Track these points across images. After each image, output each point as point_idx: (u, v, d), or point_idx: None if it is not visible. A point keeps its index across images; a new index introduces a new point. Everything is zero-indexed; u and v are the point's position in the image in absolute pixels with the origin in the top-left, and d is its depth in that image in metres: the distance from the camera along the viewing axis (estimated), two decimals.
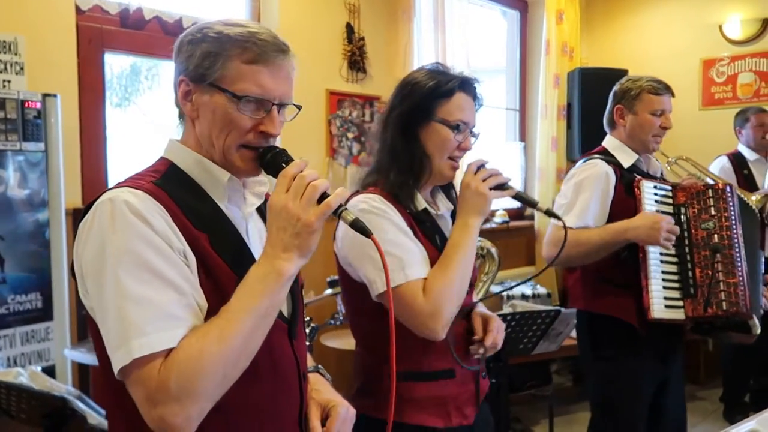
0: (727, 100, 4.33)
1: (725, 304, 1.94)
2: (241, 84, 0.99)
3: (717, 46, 4.37)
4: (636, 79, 2.15)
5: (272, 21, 3.18)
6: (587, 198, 2.02)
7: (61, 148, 2.25)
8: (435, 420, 1.42)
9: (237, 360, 0.92)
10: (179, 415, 0.87)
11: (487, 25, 4.58)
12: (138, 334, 0.88)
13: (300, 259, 0.95)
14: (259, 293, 0.93)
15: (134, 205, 0.93)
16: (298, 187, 0.94)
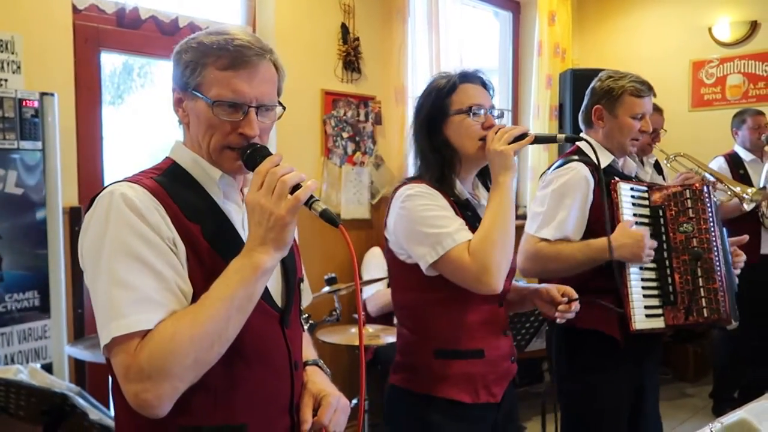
0: (716, 102, 4.40)
1: (706, 311, 1.88)
2: (216, 89, 1.06)
3: (706, 48, 4.43)
4: (618, 77, 2.02)
5: (268, 21, 3.20)
6: (567, 207, 1.92)
7: (58, 147, 2.26)
8: (463, 395, 1.55)
9: (210, 345, 0.97)
10: (150, 392, 0.94)
11: (480, 26, 4.62)
12: (118, 315, 0.96)
13: (276, 252, 1.01)
14: (234, 283, 0.99)
15: (130, 197, 1.01)
16: (269, 183, 1.00)
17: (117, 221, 0.99)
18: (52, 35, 2.45)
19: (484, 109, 1.57)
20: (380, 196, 3.58)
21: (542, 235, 1.92)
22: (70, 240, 2.43)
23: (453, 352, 1.56)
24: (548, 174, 2.03)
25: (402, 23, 3.58)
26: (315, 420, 1.14)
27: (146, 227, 1.00)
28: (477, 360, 1.56)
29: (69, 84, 2.50)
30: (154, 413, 0.96)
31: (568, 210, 1.91)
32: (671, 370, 4.42)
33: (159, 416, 0.97)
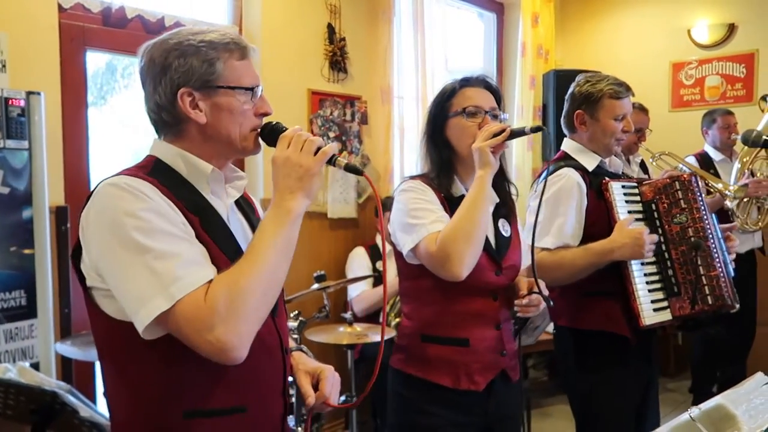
0: (696, 102, 4.49)
1: (710, 298, 1.91)
2: (244, 79, 1.14)
3: (686, 50, 4.52)
4: (595, 81, 2.04)
5: (254, 21, 3.21)
6: (564, 214, 1.93)
7: (45, 146, 2.25)
8: (445, 379, 1.64)
9: (268, 287, 1.05)
10: (231, 333, 0.99)
11: (464, 27, 4.66)
12: (173, 281, 0.99)
13: (305, 199, 1.10)
14: (275, 230, 1.07)
15: (135, 185, 1.04)
16: (297, 142, 1.11)
17: (132, 203, 1.02)
18: (37, 34, 2.44)
19: (481, 111, 1.65)
20: (366, 195, 3.60)
21: (542, 245, 1.93)
22: (57, 239, 2.43)
23: (437, 337, 1.65)
24: (539, 183, 2.04)
25: (388, 24, 3.61)
26: (318, 394, 1.22)
27: (162, 207, 1.04)
28: (461, 348, 1.63)
29: (55, 83, 2.49)
30: (237, 356, 1.01)
31: (564, 216, 1.94)
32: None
33: (240, 359, 1.02)
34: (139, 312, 1.00)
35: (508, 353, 1.69)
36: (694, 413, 0.87)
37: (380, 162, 3.67)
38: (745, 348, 3.81)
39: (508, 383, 1.71)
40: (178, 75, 1.11)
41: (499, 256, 1.67)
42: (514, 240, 1.75)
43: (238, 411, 1.12)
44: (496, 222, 1.71)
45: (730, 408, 0.86)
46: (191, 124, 1.14)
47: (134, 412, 1.10)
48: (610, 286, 1.94)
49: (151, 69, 1.13)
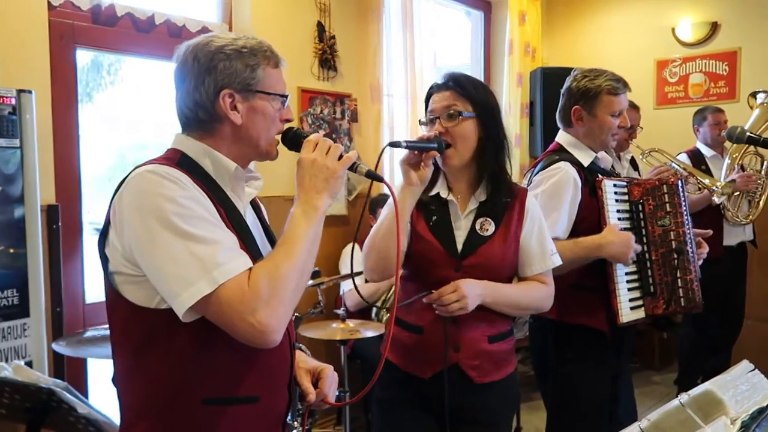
0: (680, 100, 4.56)
1: (683, 300, 1.99)
2: (277, 86, 1.22)
3: (670, 48, 4.59)
4: (593, 77, 2.04)
5: (244, 19, 3.21)
6: (558, 208, 1.94)
7: (36, 145, 2.25)
8: (396, 359, 1.71)
9: (301, 275, 1.11)
10: (272, 316, 1.05)
11: (452, 25, 4.69)
12: (215, 265, 1.04)
13: (329, 199, 1.18)
14: (305, 223, 1.14)
15: (173, 174, 1.09)
16: (323, 147, 1.19)
17: (172, 191, 1.06)
18: (27, 32, 2.43)
19: (435, 116, 1.67)
20: (356, 192, 3.62)
21: None
22: (48, 238, 2.42)
23: (400, 321, 1.72)
24: (534, 175, 2.05)
25: (377, 22, 3.63)
26: (318, 391, 1.28)
27: (198, 196, 1.09)
28: (415, 335, 1.69)
29: (45, 81, 2.48)
30: (273, 339, 1.06)
31: (559, 211, 1.95)
32: (639, 359, 4.58)
33: (275, 342, 1.07)
34: (181, 295, 1.03)
35: (466, 352, 1.65)
36: (683, 399, 0.91)
37: (370, 159, 3.69)
38: (731, 340, 3.88)
39: (469, 383, 1.66)
40: (223, 76, 1.16)
41: (462, 254, 1.65)
42: (496, 240, 1.67)
43: (252, 400, 1.17)
44: (475, 221, 1.68)
45: (717, 393, 0.89)
46: (226, 123, 1.18)
47: (150, 399, 1.13)
48: (595, 282, 1.98)
49: (195, 68, 1.17)
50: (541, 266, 1.71)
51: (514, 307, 1.69)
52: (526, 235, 1.71)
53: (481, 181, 1.70)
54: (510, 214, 1.70)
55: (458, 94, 1.66)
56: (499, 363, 1.70)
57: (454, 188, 1.73)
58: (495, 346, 1.69)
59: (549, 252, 1.72)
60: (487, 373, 1.68)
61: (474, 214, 1.69)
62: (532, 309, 1.77)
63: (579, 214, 1.99)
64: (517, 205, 1.71)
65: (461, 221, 1.69)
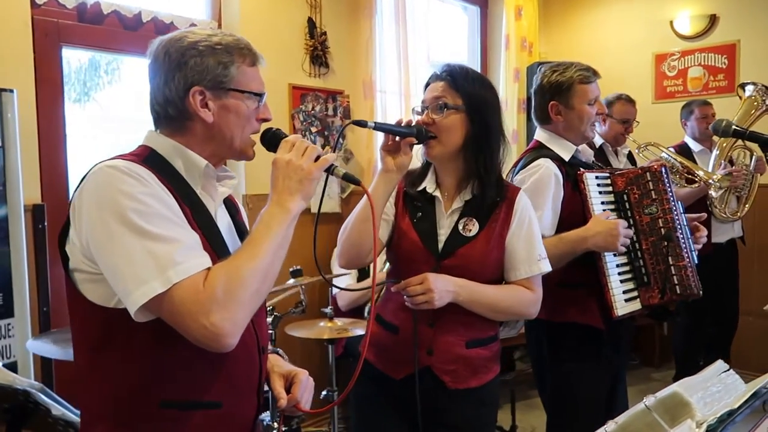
0: (678, 94, 4.50)
1: (679, 288, 1.96)
2: (252, 84, 1.19)
3: (668, 41, 4.53)
4: (563, 70, 2.05)
5: (233, 15, 3.19)
6: (541, 207, 1.91)
7: (18, 144, 2.23)
8: (372, 356, 1.68)
9: (264, 277, 1.07)
10: (227, 319, 1.01)
11: (448, 21, 4.66)
12: (171, 264, 1.01)
13: (302, 201, 1.14)
14: (274, 226, 1.11)
15: (134, 169, 1.05)
16: (299, 148, 1.16)
17: (131, 186, 1.03)
18: (10, 30, 2.41)
19: (425, 107, 1.64)
20: (350, 190, 3.60)
21: None
22: (33, 238, 2.41)
23: (380, 318, 1.71)
24: (516, 174, 2.03)
25: (369, 17, 3.60)
26: (290, 397, 1.24)
27: (160, 193, 1.06)
28: (391, 334, 1.66)
29: (29, 80, 2.47)
30: (229, 342, 1.02)
31: (542, 210, 1.92)
32: (638, 356, 4.53)
33: (230, 347, 1.03)
34: (133, 293, 1.00)
35: (440, 355, 1.60)
36: (649, 401, 0.87)
37: (363, 156, 3.66)
38: (728, 336, 3.84)
39: (443, 388, 1.61)
40: (193, 73, 1.14)
41: (442, 253, 1.61)
42: (479, 242, 1.61)
43: (213, 406, 1.14)
44: (459, 220, 1.63)
45: (684, 395, 0.86)
46: (197, 121, 1.16)
47: (108, 401, 1.10)
48: (586, 278, 1.95)
49: (165, 63, 1.15)
50: (526, 271, 1.63)
51: (492, 309, 1.61)
52: (512, 237, 1.63)
53: (470, 179, 1.65)
54: (497, 214, 1.63)
55: (450, 86, 1.62)
56: (477, 369, 1.63)
57: (443, 184, 1.68)
58: (473, 351, 1.62)
59: (536, 257, 1.64)
60: (463, 379, 1.61)
61: (458, 213, 1.64)
62: (512, 314, 1.68)
63: (564, 210, 1.96)
64: (504, 206, 1.64)
65: (445, 219, 1.65)
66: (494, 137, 1.63)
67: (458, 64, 1.67)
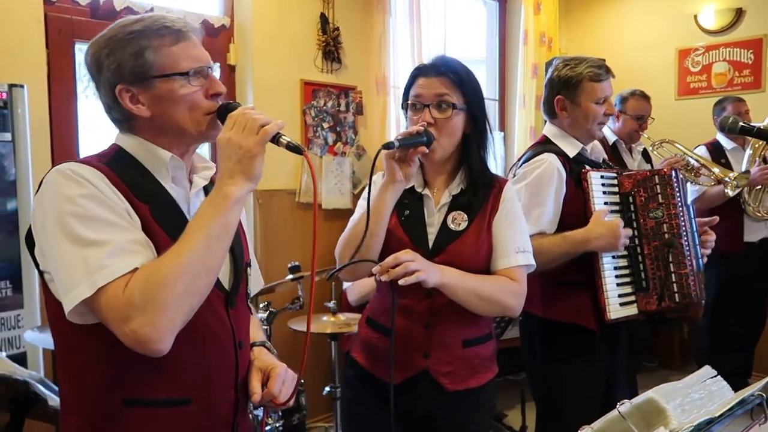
0: (702, 90, 4.38)
1: (678, 296, 1.91)
2: (180, 64, 1.10)
3: (692, 36, 4.41)
4: (574, 65, 1.99)
5: (245, 11, 3.20)
6: (543, 202, 1.89)
7: (29, 138, 2.27)
8: (364, 360, 1.66)
9: (196, 274, 1.01)
10: (147, 325, 0.96)
11: (466, 16, 4.61)
12: (99, 267, 0.98)
13: (246, 183, 1.06)
14: (208, 215, 1.04)
15: (79, 171, 1.04)
16: (240, 122, 1.07)
17: (72, 189, 1.01)
18: (22, 27, 2.46)
19: (422, 104, 1.55)
20: (362, 185, 3.58)
21: None
22: None
23: (371, 321, 1.67)
24: (519, 168, 2.00)
25: (383, 12, 3.57)
26: (265, 392, 1.18)
27: (101, 194, 1.03)
28: (386, 337, 1.57)
29: (41, 76, 2.51)
30: (157, 348, 0.98)
31: (543, 206, 1.89)
32: (657, 358, 4.44)
33: (162, 351, 0.99)
34: (65, 297, 1.00)
35: (437, 356, 1.56)
36: (623, 408, 0.84)
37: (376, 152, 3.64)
38: (753, 338, 3.73)
39: (441, 391, 1.56)
40: (110, 73, 1.09)
41: (432, 251, 1.55)
42: (469, 236, 1.56)
43: (182, 403, 1.11)
44: (447, 215, 1.59)
45: (660, 402, 0.83)
46: (139, 119, 1.12)
47: (74, 396, 1.10)
48: (583, 278, 1.91)
49: (90, 71, 1.12)
50: (507, 261, 1.57)
51: (476, 294, 1.51)
52: (496, 226, 1.58)
53: (458, 173, 1.61)
54: (486, 206, 1.60)
55: (452, 82, 1.53)
56: (475, 369, 1.59)
57: (431, 182, 1.64)
58: (470, 351, 1.59)
59: (516, 248, 1.58)
60: (462, 379, 1.57)
61: (447, 207, 1.60)
62: (495, 302, 1.54)
63: (565, 207, 1.92)
64: (492, 197, 1.60)
65: (434, 216, 1.60)
66: (487, 134, 1.61)
67: (453, 58, 1.61)
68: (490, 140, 1.62)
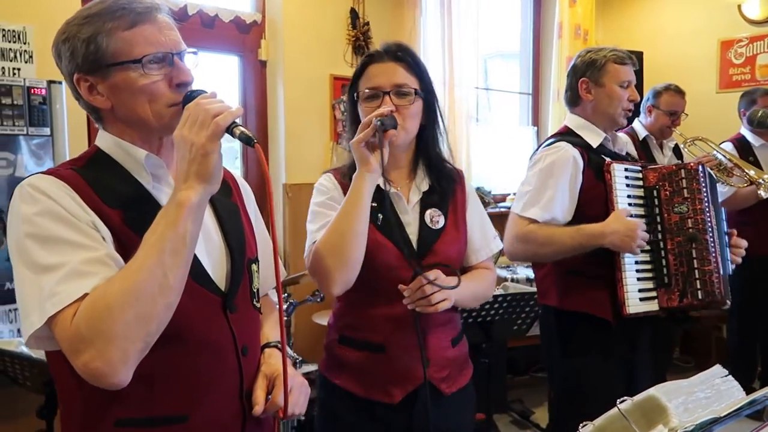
0: (746, 83, 4.22)
1: (701, 293, 1.85)
2: (135, 49, 0.99)
3: (735, 27, 4.25)
4: (598, 49, 2.02)
5: (277, 6, 3.24)
6: (554, 187, 1.87)
7: (66, 133, 2.36)
8: (355, 387, 1.47)
9: (150, 296, 0.89)
10: (98, 359, 0.87)
11: (501, 8, 4.55)
12: (49, 295, 0.90)
13: (201, 185, 0.94)
14: (161, 227, 0.93)
15: (38, 185, 0.96)
16: (194, 115, 0.94)
17: (30, 207, 0.94)
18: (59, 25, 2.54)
19: (379, 93, 1.42)
20: None
21: (529, 215, 1.88)
22: None
23: (353, 340, 1.49)
24: (536, 153, 2.00)
25: (413, 6, 3.57)
26: (269, 402, 1.08)
27: (61, 209, 0.94)
28: (376, 355, 1.45)
29: None
30: (111, 382, 0.89)
31: (554, 190, 1.87)
32: (693, 358, 4.32)
33: (119, 385, 0.90)
34: (22, 326, 0.93)
35: (435, 363, 1.47)
36: (624, 405, 0.83)
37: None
38: None
39: (440, 397, 1.48)
40: (67, 62, 1.01)
41: (418, 253, 1.45)
42: (449, 232, 1.50)
43: (177, 420, 1.01)
44: (423, 213, 1.49)
45: (661, 400, 0.81)
46: (103, 111, 1.04)
47: (66, 417, 1.04)
48: (600, 271, 1.88)
49: (54, 60, 1.05)
50: (486, 252, 1.56)
51: (474, 296, 1.52)
52: (470, 218, 1.54)
53: (417, 168, 1.53)
54: (455, 201, 1.54)
55: (409, 69, 1.46)
56: (462, 367, 1.56)
57: (392, 178, 1.50)
58: (457, 349, 1.54)
59: (492, 235, 1.59)
60: (455, 381, 1.52)
61: (419, 205, 1.51)
62: (485, 297, 1.59)
63: (582, 197, 1.90)
64: (458, 191, 1.55)
65: (409, 215, 1.49)
66: (441, 124, 1.54)
67: (403, 43, 1.53)
68: (443, 130, 1.55)
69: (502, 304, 2.46)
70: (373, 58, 1.48)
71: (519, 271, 3.73)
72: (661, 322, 1.99)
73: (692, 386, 0.88)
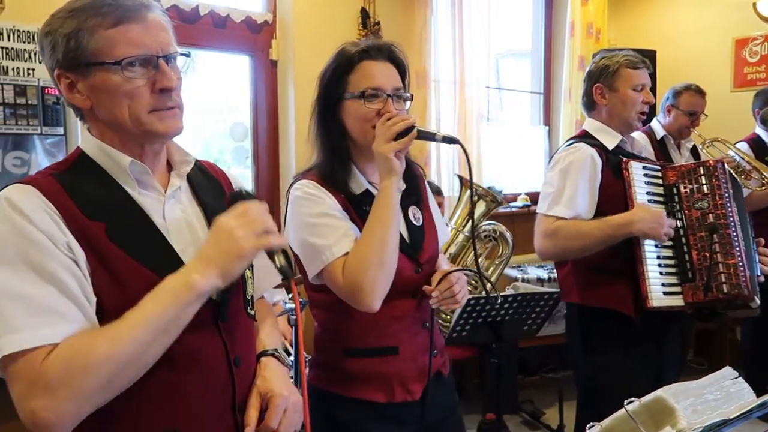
0: (761, 81, 4.17)
1: (726, 287, 1.85)
2: (116, 50, 0.93)
3: (750, 25, 4.20)
4: (611, 55, 2.08)
5: (287, 5, 3.25)
6: (575, 185, 1.92)
7: (79, 132, 2.39)
8: (377, 395, 1.43)
9: (126, 367, 0.88)
10: (52, 411, 0.84)
11: (512, 7, 4.54)
12: (8, 330, 0.85)
13: (217, 279, 0.93)
14: (164, 303, 0.90)
15: (14, 201, 0.91)
16: (250, 220, 0.95)
17: (3, 226, 0.89)
18: None
19: (382, 94, 1.37)
20: None
21: (556, 213, 1.94)
22: None
23: (363, 350, 1.44)
24: (556, 155, 2.07)
25: (424, 6, 3.56)
26: (261, 426, 1.03)
27: (36, 231, 0.89)
28: (391, 357, 1.43)
29: None
30: None
31: (575, 188, 1.93)
32: (707, 360, 4.28)
33: None
34: None
35: (439, 351, 1.52)
36: (631, 406, 0.83)
37: (415, 146, 3.63)
38: None
39: (440, 380, 1.53)
40: (48, 56, 0.97)
41: (415, 252, 1.45)
42: (428, 228, 1.51)
43: None
44: (406, 212, 1.48)
45: (669, 401, 0.81)
46: (84, 111, 0.99)
47: None
48: (621, 266, 1.92)
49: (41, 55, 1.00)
50: (444, 239, 1.58)
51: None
52: (433, 210, 1.57)
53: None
54: (425, 197, 1.56)
55: (400, 71, 1.42)
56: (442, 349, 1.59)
57: (375, 180, 1.45)
58: (437, 331, 1.56)
59: (444, 222, 1.63)
60: (446, 362, 1.58)
61: (399, 204, 1.44)
62: None
63: (601, 195, 1.95)
64: (423, 187, 1.56)
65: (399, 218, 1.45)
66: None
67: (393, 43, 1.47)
68: None
69: (513, 304, 2.44)
70: (369, 54, 1.40)
71: (530, 271, 3.71)
72: (688, 322, 2.00)
73: (701, 388, 0.87)
